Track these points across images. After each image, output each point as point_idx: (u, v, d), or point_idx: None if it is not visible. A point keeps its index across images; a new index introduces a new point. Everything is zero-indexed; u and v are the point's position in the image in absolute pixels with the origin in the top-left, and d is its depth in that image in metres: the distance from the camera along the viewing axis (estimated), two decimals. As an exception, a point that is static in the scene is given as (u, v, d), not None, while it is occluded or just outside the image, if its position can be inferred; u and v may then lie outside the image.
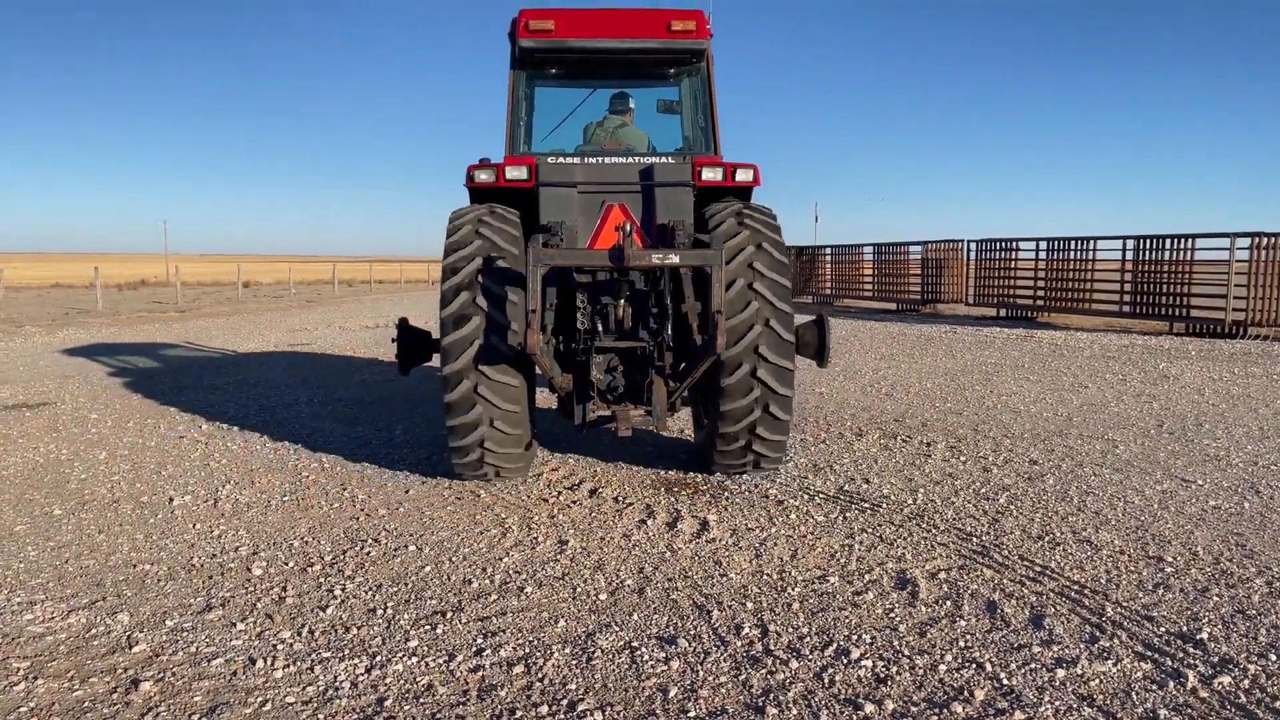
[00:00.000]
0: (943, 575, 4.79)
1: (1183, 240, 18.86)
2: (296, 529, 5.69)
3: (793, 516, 5.84)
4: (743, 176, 7.00)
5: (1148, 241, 19.54)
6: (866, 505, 6.08)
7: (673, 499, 6.29)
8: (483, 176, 6.85)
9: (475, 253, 6.27)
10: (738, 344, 6.19)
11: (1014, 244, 23.81)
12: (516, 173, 6.84)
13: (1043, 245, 22.46)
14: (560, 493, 6.50)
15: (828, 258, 32.18)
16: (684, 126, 8.05)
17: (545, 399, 9.60)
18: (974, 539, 5.37)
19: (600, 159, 7.08)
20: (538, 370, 6.41)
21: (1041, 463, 7.27)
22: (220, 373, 13.01)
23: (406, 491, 6.56)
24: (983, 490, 6.45)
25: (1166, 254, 19.19)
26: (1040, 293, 22.55)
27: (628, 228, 5.93)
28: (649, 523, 5.74)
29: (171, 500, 6.35)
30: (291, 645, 4.02)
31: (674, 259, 5.87)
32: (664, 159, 7.09)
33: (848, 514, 5.89)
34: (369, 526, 5.73)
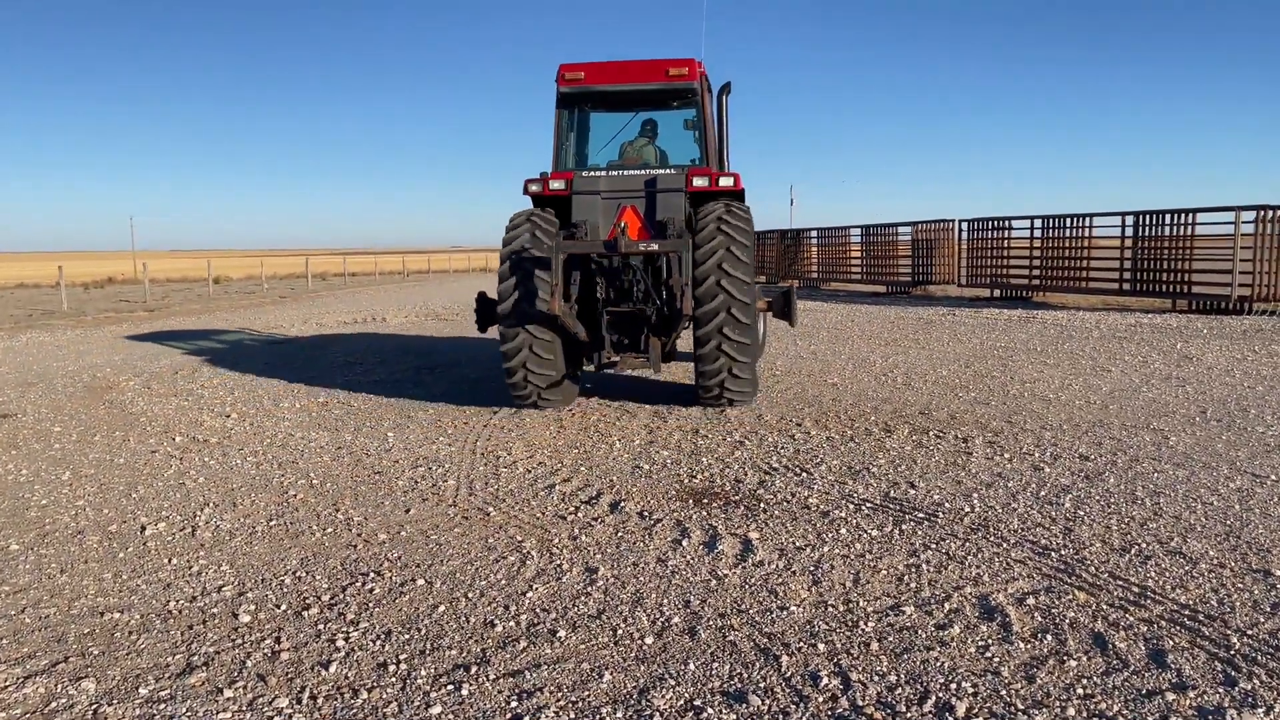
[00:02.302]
0: (1031, 601, 4.21)
1: (1184, 215, 18.42)
2: (287, 561, 5.03)
3: (843, 531, 5.24)
4: (725, 183, 9.02)
5: (1148, 217, 19.10)
6: (921, 515, 5.50)
7: (704, 513, 5.68)
8: (534, 188, 9.07)
9: (521, 245, 8.43)
10: (708, 324, 8.21)
11: (1007, 223, 23.34)
12: (557, 184, 9.00)
13: (1037, 224, 22.01)
14: (578, 508, 5.87)
15: (814, 241, 31.62)
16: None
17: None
18: (1052, 554, 4.80)
19: (620, 172, 9.19)
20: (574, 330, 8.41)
21: (1094, 459, 6.72)
22: (195, 376, 12.26)
23: (407, 511, 5.91)
24: (1042, 493, 5.88)
25: (1167, 230, 18.76)
26: (1036, 272, 22.10)
27: (623, 225, 8.59)
28: (684, 543, 5.13)
29: (144, 529, 5.67)
30: (291, 718, 3.38)
31: (653, 247, 8.09)
32: (667, 171, 9.17)
33: (903, 526, 5.30)
34: (369, 556, 5.08)
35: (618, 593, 4.46)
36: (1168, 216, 18.74)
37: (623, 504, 5.92)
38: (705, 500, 5.96)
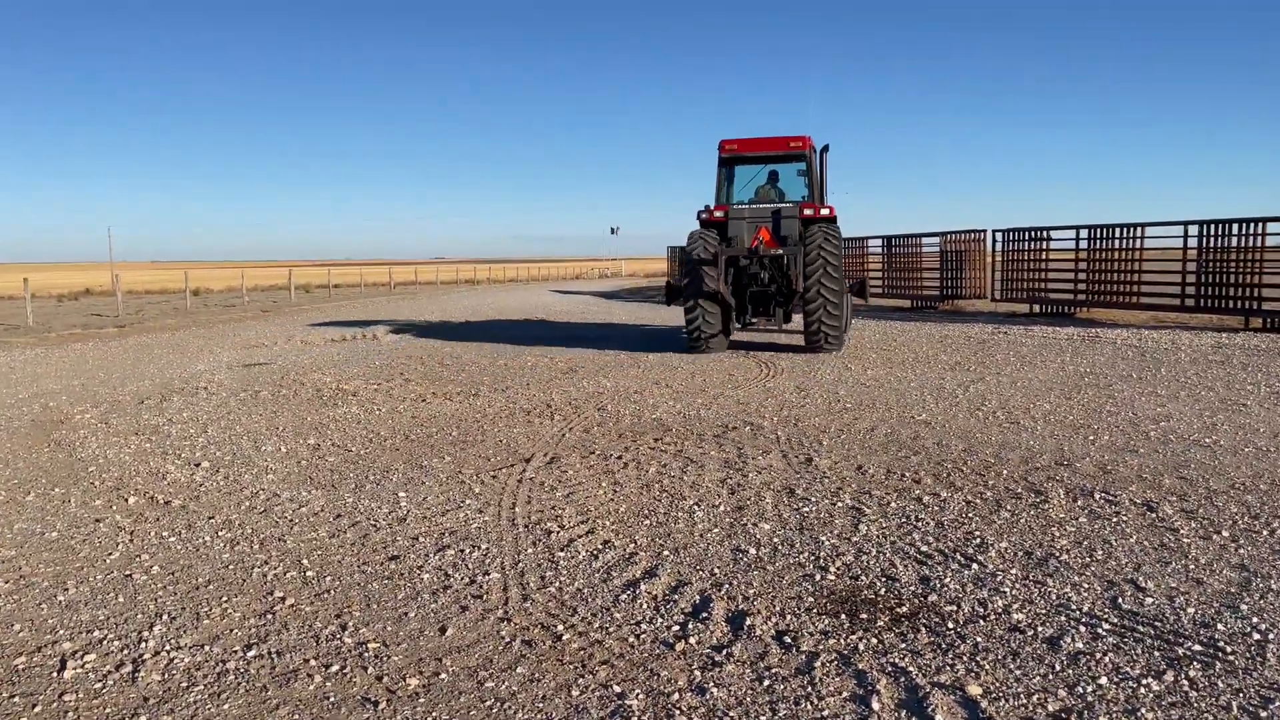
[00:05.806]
0: None
1: (1253, 225, 16.90)
2: (272, 738, 3.29)
3: (1104, 681, 3.53)
4: (824, 213, 14.64)
5: (1212, 227, 17.56)
6: (1196, 647, 3.80)
7: (873, 640, 3.96)
8: (703, 216, 14.96)
9: (698, 251, 14.37)
10: (811, 292, 14.03)
11: (1045, 233, 21.80)
12: (719, 214, 14.93)
13: (1082, 234, 20.45)
14: (683, 624, 4.15)
15: (828, 252, 30.00)
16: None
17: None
18: None
19: (757, 205, 15.17)
20: (728, 301, 14.64)
21: (1351, 541, 5.05)
22: (162, 408, 10.47)
23: (442, 631, 4.18)
24: (1335, 604, 4.20)
25: (1234, 240, 17.24)
26: (1081, 286, 20.53)
27: (760, 238, 14.39)
28: (874, 705, 3.41)
29: (64, 664, 3.91)
30: None
31: (778, 251, 14.26)
32: (787, 204, 14.95)
33: (1187, 670, 3.60)
34: (398, 726, 3.35)
35: (814, 820, 2.74)
36: (1234, 226, 17.22)
37: (747, 619, 4.20)
38: (862, 614, 4.25)
